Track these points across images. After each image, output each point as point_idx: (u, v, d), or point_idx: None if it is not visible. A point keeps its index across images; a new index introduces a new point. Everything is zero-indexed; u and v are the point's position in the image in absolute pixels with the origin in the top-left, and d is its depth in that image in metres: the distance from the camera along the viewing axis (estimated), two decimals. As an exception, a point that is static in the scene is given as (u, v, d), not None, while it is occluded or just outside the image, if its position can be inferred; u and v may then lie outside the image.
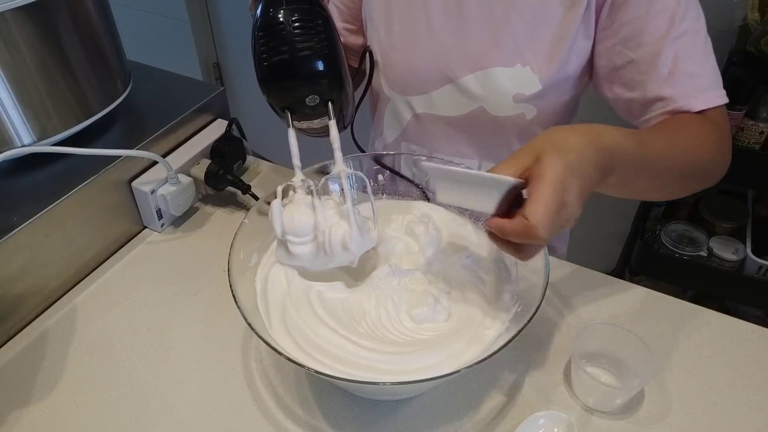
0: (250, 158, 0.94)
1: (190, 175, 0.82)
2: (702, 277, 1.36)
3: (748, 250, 1.32)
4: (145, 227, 0.83)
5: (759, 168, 1.18)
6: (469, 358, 0.52)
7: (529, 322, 0.51)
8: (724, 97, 0.65)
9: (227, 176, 0.83)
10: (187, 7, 1.98)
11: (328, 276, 0.60)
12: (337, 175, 0.58)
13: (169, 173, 0.78)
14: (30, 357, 0.66)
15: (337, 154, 0.58)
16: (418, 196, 0.71)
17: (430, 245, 0.64)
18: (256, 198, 0.83)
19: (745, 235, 1.36)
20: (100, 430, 0.59)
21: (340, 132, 0.61)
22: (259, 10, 0.56)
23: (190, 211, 0.85)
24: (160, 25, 2.09)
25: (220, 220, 0.85)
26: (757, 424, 0.59)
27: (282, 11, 0.55)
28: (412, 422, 0.59)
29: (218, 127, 0.89)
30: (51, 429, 0.59)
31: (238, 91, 2.20)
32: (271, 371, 0.64)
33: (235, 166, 0.87)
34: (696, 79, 0.64)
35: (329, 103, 0.59)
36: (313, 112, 0.60)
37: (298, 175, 0.58)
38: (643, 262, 1.41)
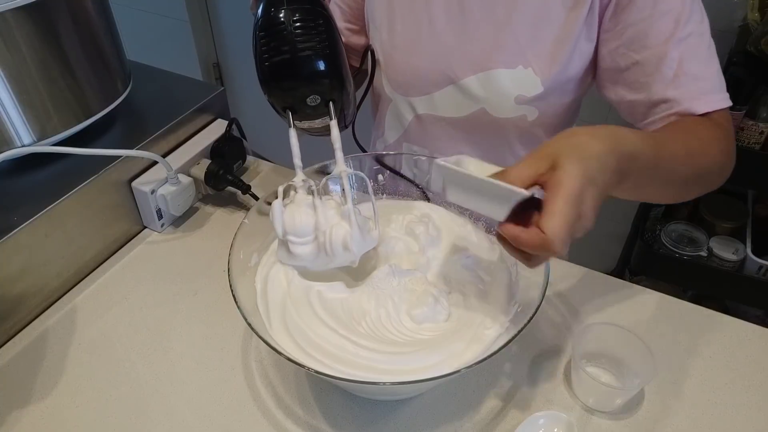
0: (250, 158, 0.94)
1: (190, 175, 0.82)
2: (702, 277, 1.35)
3: (748, 250, 1.32)
4: (145, 227, 0.83)
5: (759, 168, 1.18)
6: (469, 358, 0.52)
7: (529, 322, 0.51)
8: (728, 100, 0.65)
9: (227, 176, 0.83)
10: (187, 7, 1.98)
11: (328, 276, 0.60)
12: (338, 175, 0.58)
13: (169, 173, 0.78)
14: (30, 357, 0.66)
15: (338, 154, 0.58)
16: (419, 196, 0.71)
17: (430, 245, 0.64)
18: (256, 198, 0.83)
19: (745, 235, 1.36)
20: (100, 430, 0.59)
21: (341, 132, 0.61)
22: (260, 10, 0.56)
23: (190, 211, 0.85)
24: (160, 25, 2.09)
25: (220, 220, 0.85)
26: (757, 424, 0.59)
27: (283, 11, 0.55)
28: (412, 422, 0.59)
29: (218, 127, 0.89)
30: (51, 429, 0.59)
31: (238, 91, 2.20)
32: (271, 371, 0.64)
33: (235, 166, 0.87)
34: (701, 81, 0.64)
35: (330, 103, 0.59)
36: (314, 112, 0.60)
37: (299, 175, 0.58)
38: (643, 262, 1.41)
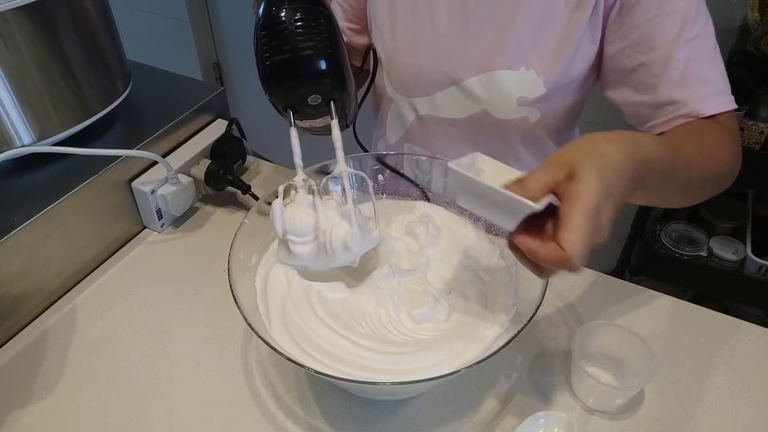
0: (250, 158, 0.94)
1: (190, 175, 0.82)
2: (702, 277, 1.35)
3: (748, 250, 1.32)
4: (145, 227, 0.83)
5: (759, 168, 1.17)
6: (469, 358, 0.52)
7: (529, 322, 0.51)
8: (733, 102, 0.65)
9: (227, 176, 0.83)
10: (187, 7, 1.98)
11: (328, 276, 0.60)
12: (338, 174, 0.58)
13: (169, 173, 0.78)
14: (30, 357, 0.66)
15: (339, 154, 0.58)
16: (419, 196, 0.71)
17: (430, 245, 0.64)
18: (256, 198, 0.83)
19: (745, 235, 1.36)
20: (100, 430, 0.59)
21: (342, 131, 0.61)
22: (261, 9, 0.56)
23: (190, 211, 0.85)
24: (160, 25, 2.09)
25: (220, 220, 0.85)
26: (757, 424, 0.59)
27: (284, 10, 0.55)
28: (412, 422, 0.59)
29: (218, 127, 0.89)
30: (51, 429, 0.59)
31: (238, 91, 2.20)
32: (271, 371, 0.64)
33: (235, 166, 0.87)
34: (706, 83, 0.64)
35: (331, 103, 0.59)
36: (315, 112, 0.60)
37: (300, 175, 0.58)
38: (643, 262, 1.41)
